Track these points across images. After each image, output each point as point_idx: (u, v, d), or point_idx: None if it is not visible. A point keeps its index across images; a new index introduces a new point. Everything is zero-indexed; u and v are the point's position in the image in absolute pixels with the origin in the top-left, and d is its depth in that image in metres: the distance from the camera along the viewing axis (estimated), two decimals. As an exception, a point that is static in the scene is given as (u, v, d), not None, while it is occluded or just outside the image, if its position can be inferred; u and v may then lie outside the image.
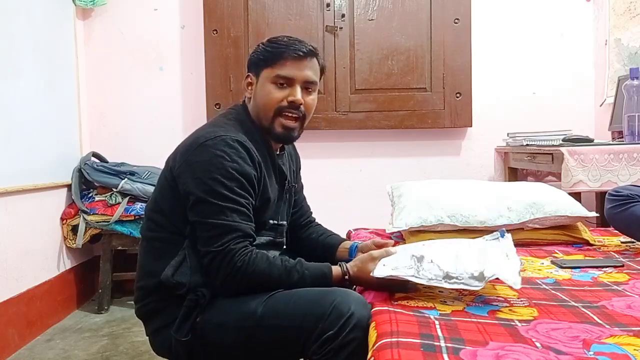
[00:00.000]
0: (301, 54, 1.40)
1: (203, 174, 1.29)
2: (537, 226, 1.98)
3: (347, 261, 1.42)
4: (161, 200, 1.39)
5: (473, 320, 1.15)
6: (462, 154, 3.53)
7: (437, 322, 1.13)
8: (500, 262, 1.31)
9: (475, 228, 1.96)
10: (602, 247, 1.91)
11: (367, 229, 2.27)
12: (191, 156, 1.33)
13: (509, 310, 1.22)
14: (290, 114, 1.42)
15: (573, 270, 1.61)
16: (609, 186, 2.41)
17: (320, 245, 1.67)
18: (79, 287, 3.12)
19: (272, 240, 1.47)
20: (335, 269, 1.37)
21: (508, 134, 3.28)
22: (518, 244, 1.94)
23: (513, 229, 1.96)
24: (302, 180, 1.75)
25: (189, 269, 1.30)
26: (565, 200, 1.99)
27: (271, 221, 1.45)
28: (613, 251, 1.86)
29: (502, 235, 1.51)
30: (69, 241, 3.00)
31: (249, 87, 1.47)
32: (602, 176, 2.41)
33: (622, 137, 3.05)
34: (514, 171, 3.25)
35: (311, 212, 1.77)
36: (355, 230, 2.30)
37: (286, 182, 1.54)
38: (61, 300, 2.92)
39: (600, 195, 2.83)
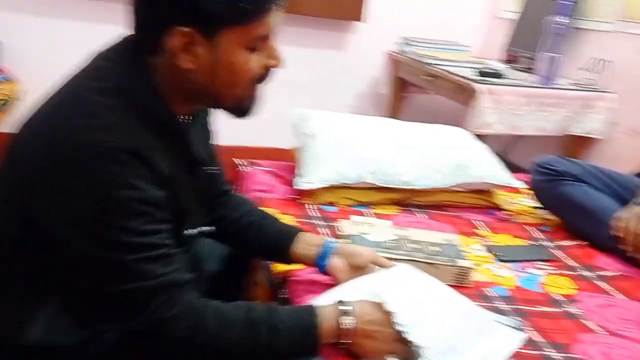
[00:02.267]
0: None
1: (87, 218, 0.81)
2: (459, 189, 1.78)
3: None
4: None
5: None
6: (349, 51, 3.16)
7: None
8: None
9: (397, 187, 1.71)
10: (517, 219, 1.79)
11: (262, 166, 1.90)
12: (57, 176, 0.81)
13: None
14: (263, 81, 0.97)
15: (512, 266, 1.46)
16: (514, 131, 2.29)
17: (261, 234, 1.21)
18: None
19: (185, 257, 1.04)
20: (328, 322, 0.94)
21: (403, 37, 2.98)
22: (438, 205, 1.76)
23: (435, 191, 1.75)
24: None
25: (71, 325, 0.85)
26: (491, 165, 1.80)
27: (187, 232, 1.02)
28: (531, 224, 1.74)
29: (517, 328, 1.16)
30: None
31: (187, 52, 0.90)
32: (509, 120, 2.27)
33: (515, 61, 2.94)
34: (402, 82, 3.00)
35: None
36: (248, 165, 1.91)
37: (202, 168, 1.08)
38: None
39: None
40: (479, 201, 1.82)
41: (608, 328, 1.21)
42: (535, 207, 1.88)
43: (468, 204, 1.81)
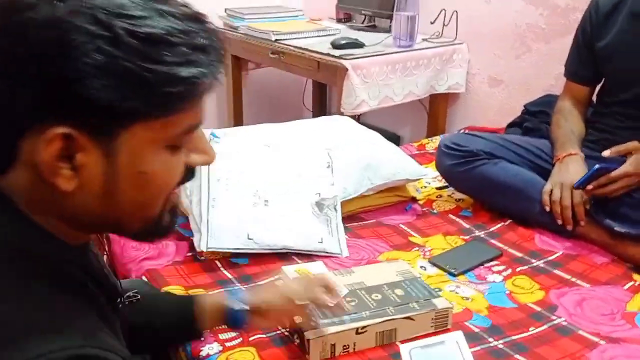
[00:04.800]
0: (221, 74, 0.59)
1: None
2: (369, 193, 1.57)
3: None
4: None
5: None
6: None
7: None
8: None
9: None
10: (435, 208, 1.64)
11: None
12: None
13: None
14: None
15: (468, 278, 1.30)
16: (386, 103, 2.12)
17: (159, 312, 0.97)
18: None
19: None
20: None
21: (226, 10, 2.61)
22: (350, 217, 1.53)
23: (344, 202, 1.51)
24: None
25: None
26: (399, 158, 1.60)
27: None
28: (451, 212, 1.61)
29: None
30: None
31: (64, 166, 0.55)
32: (380, 92, 2.08)
33: (349, 19, 2.76)
34: (237, 60, 2.65)
35: None
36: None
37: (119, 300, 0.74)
38: None
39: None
40: (391, 198, 1.62)
41: (600, 334, 1.12)
42: (440, 188, 1.75)
43: (379, 205, 1.61)
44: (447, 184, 1.72)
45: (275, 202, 1.37)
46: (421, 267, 1.34)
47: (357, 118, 2.64)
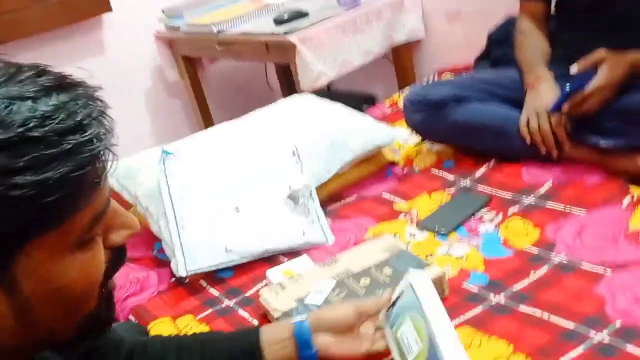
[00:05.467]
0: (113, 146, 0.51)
1: None
2: (344, 170, 1.50)
3: None
4: None
5: None
6: (107, 50, 2.59)
7: None
8: None
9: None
10: (416, 166, 1.57)
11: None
12: None
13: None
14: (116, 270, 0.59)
15: (459, 234, 1.24)
16: (346, 68, 2.04)
17: None
18: None
19: None
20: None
21: (163, 11, 2.50)
22: (329, 198, 1.47)
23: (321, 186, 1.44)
24: None
25: None
26: (367, 126, 1.53)
27: None
28: (434, 166, 1.53)
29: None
30: None
31: None
32: (337, 59, 1.99)
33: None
34: (189, 61, 2.55)
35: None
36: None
37: None
38: None
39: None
40: (370, 168, 1.55)
41: (605, 263, 1.06)
42: (417, 144, 1.68)
43: (355, 179, 1.54)
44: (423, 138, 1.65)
45: (246, 207, 1.30)
46: (410, 234, 1.28)
47: (328, 88, 2.57)
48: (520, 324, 0.96)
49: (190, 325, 1.13)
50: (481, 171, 1.46)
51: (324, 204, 1.43)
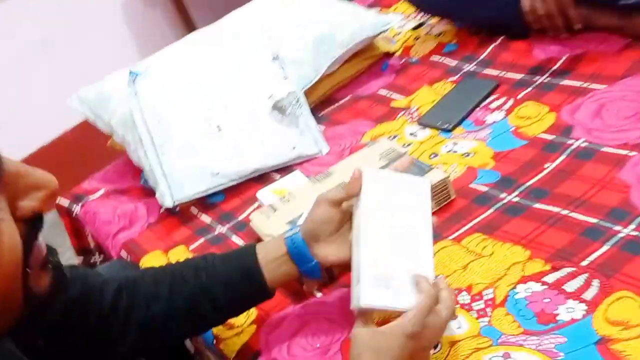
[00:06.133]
0: None
1: None
2: (334, 68, 1.35)
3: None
4: None
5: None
6: None
7: None
8: None
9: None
10: (414, 55, 1.41)
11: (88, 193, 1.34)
12: None
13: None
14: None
15: (465, 127, 1.12)
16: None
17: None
18: None
19: None
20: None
21: None
22: (322, 101, 1.35)
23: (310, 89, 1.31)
24: None
25: None
26: (354, 15, 1.36)
27: None
28: (435, 52, 1.38)
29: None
30: None
31: None
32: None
33: None
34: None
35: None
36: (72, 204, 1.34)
37: None
38: None
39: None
40: (364, 63, 1.41)
41: (628, 144, 0.92)
42: (415, 27, 1.51)
43: (352, 76, 1.40)
44: (420, 20, 1.48)
45: (228, 125, 1.19)
46: (411, 134, 1.16)
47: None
48: (537, 224, 0.86)
49: (183, 257, 1.06)
50: (487, 51, 1.30)
51: (316, 109, 1.31)
